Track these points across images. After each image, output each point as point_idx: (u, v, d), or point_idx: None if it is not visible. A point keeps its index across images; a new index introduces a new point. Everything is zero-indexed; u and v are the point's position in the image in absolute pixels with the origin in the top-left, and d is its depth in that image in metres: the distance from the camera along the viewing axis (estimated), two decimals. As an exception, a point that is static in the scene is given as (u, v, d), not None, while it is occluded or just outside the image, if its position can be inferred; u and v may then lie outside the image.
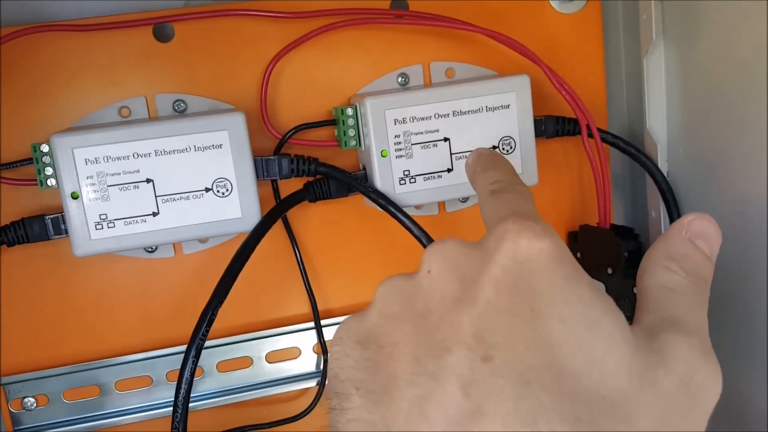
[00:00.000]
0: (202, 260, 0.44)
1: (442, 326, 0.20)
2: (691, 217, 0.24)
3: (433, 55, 0.44)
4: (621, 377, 0.18)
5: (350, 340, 0.22)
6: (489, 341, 0.19)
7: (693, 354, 0.20)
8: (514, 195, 0.27)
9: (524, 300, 0.19)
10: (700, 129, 0.42)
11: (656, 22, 0.43)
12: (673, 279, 0.22)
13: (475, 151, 0.34)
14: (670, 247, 0.23)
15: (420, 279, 0.22)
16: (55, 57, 0.40)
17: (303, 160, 0.41)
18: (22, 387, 0.43)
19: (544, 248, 0.20)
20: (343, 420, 0.20)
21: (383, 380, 0.20)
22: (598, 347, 0.19)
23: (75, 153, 0.37)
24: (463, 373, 0.18)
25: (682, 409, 0.19)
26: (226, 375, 0.45)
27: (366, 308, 0.23)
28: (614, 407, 0.18)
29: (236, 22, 0.41)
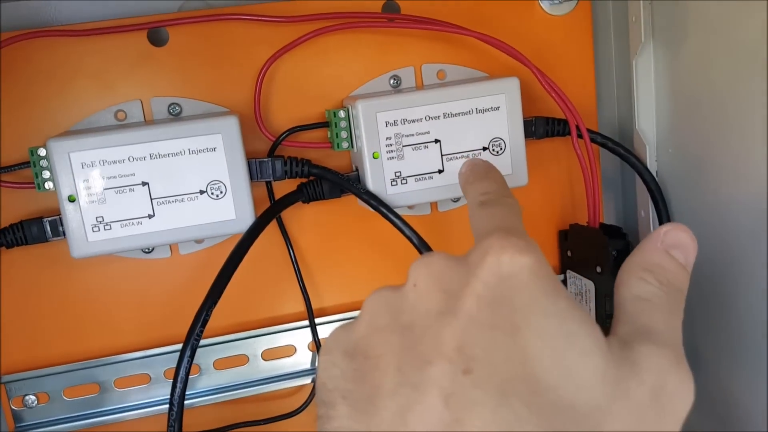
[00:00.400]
0: (198, 261, 0.44)
1: (425, 339, 0.20)
2: (667, 228, 0.24)
3: (425, 58, 0.44)
4: (594, 389, 0.19)
5: (338, 351, 0.22)
6: (469, 354, 0.19)
7: (665, 364, 0.20)
8: (502, 209, 0.28)
9: (504, 314, 0.20)
10: (689, 129, 0.43)
11: (645, 24, 0.43)
12: (648, 290, 0.23)
13: (468, 161, 0.34)
14: (646, 258, 0.24)
15: (406, 292, 0.23)
16: (51, 62, 0.41)
17: (296, 162, 0.42)
18: (23, 385, 0.44)
19: (526, 264, 0.21)
20: (329, 428, 0.21)
21: (368, 390, 0.20)
22: (573, 360, 0.19)
23: (72, 157, 0.37)
24: (444, 385, 0.19)
25: (653, 418, 0.20)
26: (222, 372, 0.46)
27: (354, 320, 0.23)
28: (587, 417, 0.19)
29: (230, 26, 0.42)
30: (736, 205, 0.39)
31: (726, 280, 0.41)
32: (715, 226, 0.42)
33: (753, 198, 0.38)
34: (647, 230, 0.47)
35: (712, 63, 0.39)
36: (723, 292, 0.42)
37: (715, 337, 0.43)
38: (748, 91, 0.36)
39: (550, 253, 0.49)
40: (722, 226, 0.41)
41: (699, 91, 0.41)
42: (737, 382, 0.41)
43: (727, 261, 0.41)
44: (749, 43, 0.36)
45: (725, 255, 0.41)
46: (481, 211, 0.28)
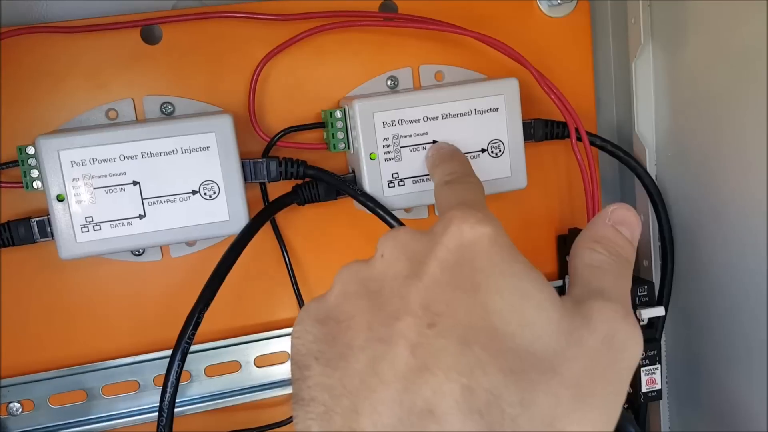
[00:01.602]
0: (189, 263, 0.43)
1: (393, 299, 0.22)
2: (614, 207, 0.26)
3: (423, 58, 0.44)
4: (549, 337, 0.21)
5: (310, 319, 0.24)
6: (434, 310, 0.21)
7: (615, 316, 0.22)
8: (464, 186, 0.31)
9: (466, 275, 0.22)
10: (688, 132, 0.42)
11: (644, 26, 0.43)
12: (598, 258, 0.25)
13: (434, 145, 0.37)
14: (595, 232, 0.26)
15: (374, 262, 0.24)
16: (43, 59, 0.40)
17: (291, 163, 0.41)
18: (7, 392, 0.42)
19: (486, 233, 0.23)
20: (304, 387, 0.22)
21: (340, 349, 0.22)
22: (529, 313, 0.21)
23: (61, 155, 0.36)
24: (411, 337, 0.21)
25: (604, 362, 0.21)
26: (214, 379, 0.45)
27: (325, 293, 0.25)
28: (543, 361, 0.20)
29: (224, 24, 0.41)
30: (735, 208, 0.39)
31: (725, 282, 0.41)
32: (715, 229, 0.41)
33: (752, 200, 0.37)
34: (647, 234, 0.46)
35: (712, 65, 0.39)
36: (722, 294, 0.41)
37: (714, 340, 0.43)
38: (748, 93, 0.36)
39: (549, 258, 0.48)
40: (722, 229, 0.40)
41: (699, 93, 0.41)
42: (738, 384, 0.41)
43: (727, 263, 0.40)
44: (749, 44, 0.35)
45: (725, 257, 0.41)
46: (445, 189, 0.32)
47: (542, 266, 0.48)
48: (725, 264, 0.41)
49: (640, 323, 0.44)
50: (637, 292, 0.44)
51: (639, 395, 0.44)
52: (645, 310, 0.43)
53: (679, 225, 0.44)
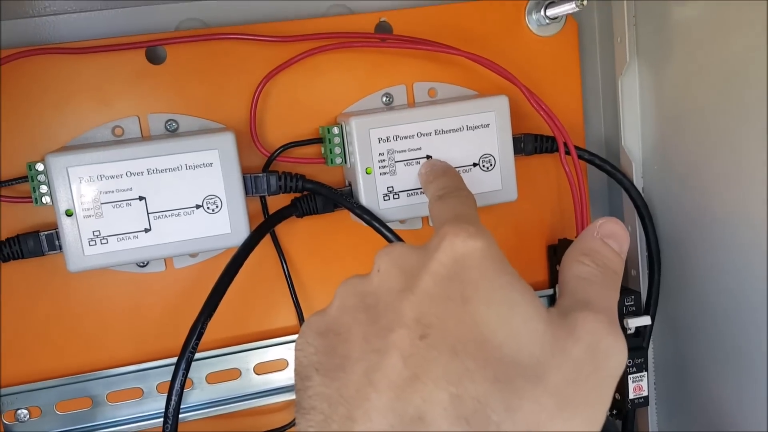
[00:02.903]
0: (192, 274, 0.45)
1: (388, 312, 0.23)
2: (602, 221, 0.27)
3: (416, 76, 0.46)
4: (535, 346, 0.22)
5: (311, 333, 0.25)
6: (425, 322, 0.22)
7: (599, 327, 0.23)
8: (457, 200, 0.32)
9: (457, 288, 0.23)
10: (673, 147, 0.44)
11: (630, 44, 0.45)
12: (586, 270, 0.26)
13: (427, 162, 0.38)
14: (583, 245, 0.27)
15: (371, 277, 0.26)
16: (51, 78, 0.41)
17: (290, 177, 0.43)
18: (15, 399, 0.44)
19: (477, 246, 0.24)
20: (305, 396, 0.23)
21: (339, 360, 0.23)
22: (516, 323, 0.22)
23: (69, 172, 0.38)
24: (404, 348, 0.22)
25: (588, 370, 0.22)
26: (215, 386, 0.46)
27: (326, 307, 0.26)
28: (528, 369, 0.21)
29: (226, 45, 0.43)
30: (720, 219, 0.40)
31: (711, 291, 0.42)
32: (700, 240, 0.43)
33: (736, 211, 0.39)
34: (634, 245, 0.48)
35: (695, 82, 0.41)
36: (708, 303, 0.43)
37: (700, 348, 0.44)
38: (730, 108, 0.38)
39: (539, 267, 0.50)
40: (707, 240, 0.42)
41: (682, 109, 0.42)
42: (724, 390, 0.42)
43: (712, 273, 0.42)
44: (731, 62, 0.37)
45: (710, 267, 0.42)
46: (438, 204, 0.33)
47: (533, 275, 0.50)
48: (710, 274, 0.42)
49: (627, 332, 0.45)
50: (624, 302, 0.46)
51: (626, 402, 0.46)
52: (632, 320, 0.45)
53: (666, 236, 0.46)
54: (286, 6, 0.45)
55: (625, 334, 0.45)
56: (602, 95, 0.50)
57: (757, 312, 0.38)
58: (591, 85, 0.50)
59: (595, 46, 0.50)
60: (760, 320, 0.38)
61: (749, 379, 0.39)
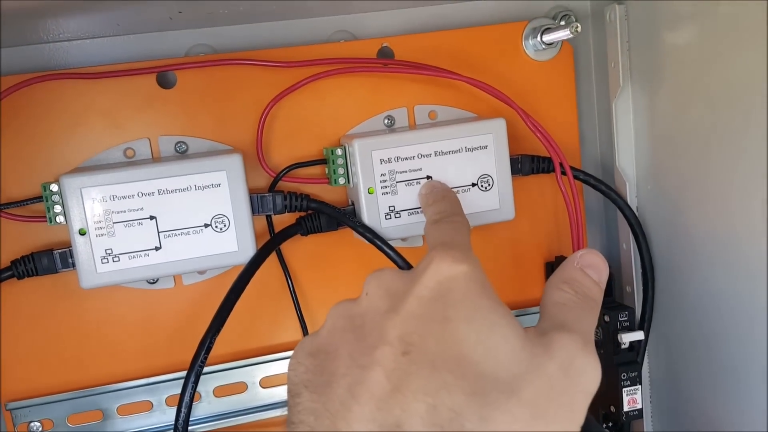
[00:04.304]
0: (200, 291, 0.46)
1: (373, 332, 0.25)
2: (582, 252, 0.29)
3: (417, 99, 0.47)
4: (511, 362, 0.23)
5: (303, 353, 0.27)
6: (408, 341, 0.24)
7: (573, 346, 0.24)
8: (450, 226, 0.34)
9: (440, 309, 0.25)
10: (666, 167, 0.45)
11: (623, 69, 0.46)
12: (565, 296, 0.27)
13: (427, 183, 0.40)
14: (564, 274, 0.28)
15: (360, 300, 0.27)
16: (65, 102, 0.43)
17: (296, 197, 0.44)
18: (28, 412, 0.45)
19: (462, 270, 0.26)
20: (295, 412, 0.25)
21: (326, 377, 0.25)
22: (494, 341, 0.24)
23: (83, 192, 0.39)
24: (386, 364, 0.23)
25: (561, 386, 0.23)
26: (222, 399, 0.48)
27: (318, 329, 0.28)
28: (504, 384, 0.22)
29: (234, 70, 0.44)
30: (711, 237, 0.42)
31: (703, 307, 0.43)
32: (692, 257, 0.44)
33: (727, 230, 0.40)
34: (629, 262, 0.49)
35: (687, 105, 0.42)
36: (700, 318, 0.44)
37: (693, 361, 0.45)
38: (722, 130, 0.39)
39: (537, 284, 0.51)
40: (699, 257, 0.43)
41: (675, 131, 0.44)
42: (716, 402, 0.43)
43: (704, 289, 0.43)
44: (722, 86, 0.38)
45: (702, 285, 0.43)
46: (433, 228, 0.34)
47: (531, 292, 0.51)
48: (703, 290, 0.43)
49: (622, 347, 0.46)
50: (618, 318, 0.47)
51: (621, 414, 0.47)
52: (626, 335, 0.46)
53: (659, 253, 0.47)
54: (292, 32, 0.46)
55: (619, 348, 0.46)
56: (597, 117, 0.52)
57: (750, 326, 0.39)
58: (586, 108, 0.51)
59: (590, 70, 0.51)
60: (752, 335, 0.39)
61: (743, 392, 0.40)
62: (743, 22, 0.36)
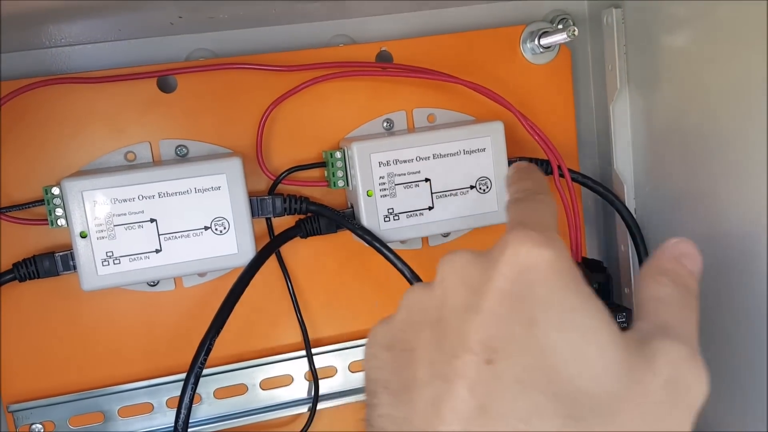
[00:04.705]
0: (201, 293, 0.47)
1: (453, 334, 0.23)
2: (676, 240, 0.27)
3: (416, 102, 0.47)
4: (610, 379, 0.21)
5: (378, 345, 0.25)
6: (491, 347, 0.21)
7: (680, 357, 0.22)
8: (531, 204, 0.29)
9: (524, 309, 0.22)
10: (664, 169, 0.45)
11: (620, 72, 0.47)
12: (664, 290, 0.25)
13: (515, 164, 0.35)
14: (659, 263, 0.26)
15: (434, 288, 0.25)
16: (67, 106, 0.43)
17: (295, 200, 0.45)
18: (30, 414, 0.45)
19: (544, 257, 0.22)
20: (375, 415, 0.23)
21: (405, 381, 0.23)
22: (589, 353, 0.21)
23: (84, 195, 0.40)
24: (470, 376, 0.21)
25: (667, 405, 0.21)
26: (222, 401, 0.48)
27: (392, 315, 0.26)
28: (602, 405, 0.20)
29: (234, 74, 0.45)
30: (709, 240, 0.42)
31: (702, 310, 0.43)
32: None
33: (726, 233, 0.40)
34: (627, 264, 0.49)
35: (684, 107, 0.42)
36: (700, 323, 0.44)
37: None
38: (719, 132, 0.39)
39: (535, 286, 0.51)
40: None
41: (672, 133, 0.44)
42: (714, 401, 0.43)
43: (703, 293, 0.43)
44: (719, 88, 0.38)
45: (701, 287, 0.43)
46: (511, 207, 0.30)
47: (530, 294, 0.51)
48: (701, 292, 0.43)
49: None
50: (616, 319, 0.47)
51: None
52: (624, 336, 0.46)
53: (657, 255, 0.47)
54: (291, 36, 0.47)
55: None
56: (595, 120, 0.52)
57: (750, 327, 0.39)
58: (584, 111, 0.52)
59: (588, 74, 0.51)
60: (752, 335, 0.39)
61: (743, 393, 0.40)
62: (741, 24, 0.36)
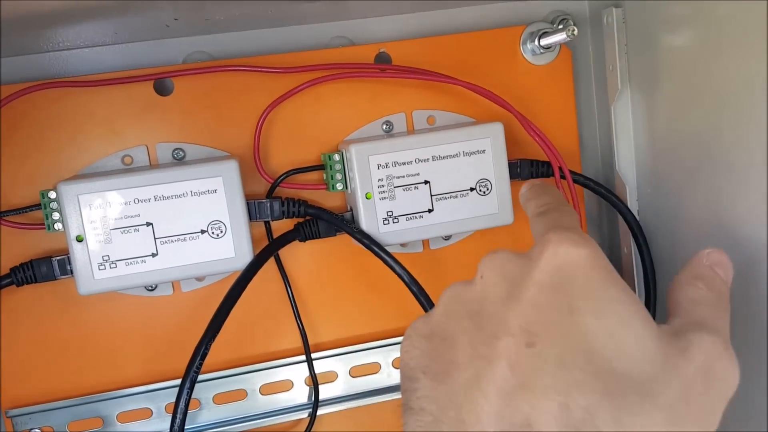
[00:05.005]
0: (199, 297, 0.46)
1: (493, 320, 0.24)
2: (709, 250, 0.28)
3: (415, 104, 0.47)
4: (646, 363, 0.22)
5: (417, 336, 0.26)
6: (531, 331, 0.22)
7: (713, 348, 0.23)
8: (558, 213, 0.32)
9: (563, 298, 0.23)
10: (666, 170, 0.45)
11: (621, 72, 0.46)
12: (699, 294, 0.26)
13: (528, 182, 0.38)
14: (695, 270, 0.27)
15: (475, 284, 0.26)
16: (63, 110, 0.43)
17: (293, 203, 0.44)
18: (28, 419, 0.45)
19: (582, 254, 0.24)
20: (414, 398, 0.24)
21: (445, 365, 0.24)
22: (626, 339, 0.22)
23: (80, 199, 0.40)
24: (510, 356, 0.22)
25: (699, 391, 0.22)
26: (222, 407, 0.48)
27: (430, 311, 0.27)
28: (639, 385, 0.21)
29: (231, 76, 0.44)
30: (713, 241, 0.41)
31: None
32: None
33: (730, 234, 0.39)
34: (630, 266, 0.49)
35: (686, 108, 0.42)
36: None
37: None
38: (721, 133, 0.39)
39: (538, 289, 0.50)
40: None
41: (674, 134, 0.43)
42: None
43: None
44: (721, 88, 0.38)
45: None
46: (539, 219, 0.32)
47: (532, 297, 0.50)
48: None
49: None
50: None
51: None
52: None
53: (661, 258, 0.47)
54: (289, 38, 0.46)
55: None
56: (597, 121, 0.51)
57: (750, 328, 0.38)
58: (586, 111, 0.51)
59: (589, 74, 0.51)
60: (753, 336, 0.38)
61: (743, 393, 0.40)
62: (742, 24, 0.35)
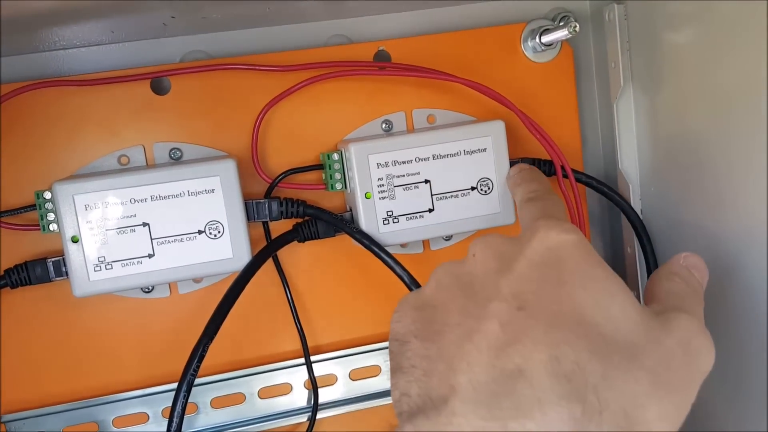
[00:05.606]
0: (196, 299, 0.46)
1: (485, 288, 0.25)
2: (686, 254, 0.30)
3: (415, 103, 0.46)
4: (630, 332, 0.23)
5: (407, 307, 0.26)
6: (523, 298, 0.23)
7: (691, 326, 0.24)
8: (547, 202, 0.34)
9: (552, 273, 0.24)
10: (669, 168, 0.44)
11: (624, 69, 0.46)
12: (676, 286, 0.28)
13: (516, 165, 0.39)
14: (672, 268, 0.29)
15: (466, 261, 0.27)
16: (59, 109, 0.43)
17: (292, 203, 0.44)
18: (23, 424, 0.44)
19: (570, 240, 0.25)
20: (404, 358, 0.24)
21: (437, 327, 0.24)
22: (613, 309, 0.23)
23: (75, 199, 0.39)
24: (502, 317, 0.23)
25: (679, 362, 0.23)
26: (219, 411, 0.47)
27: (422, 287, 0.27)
28: (624, 348, 0.22)
29: (229, 75, 0.44)
30: (716, 240, 0.41)
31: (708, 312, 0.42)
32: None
33: (733, 232, 0.39)
34: (634, 266, 0.48)
35: (689, 105, 0.41)
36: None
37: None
38: (724, 130, 0.38)
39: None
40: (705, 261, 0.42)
41: (677, 131, 0.43)
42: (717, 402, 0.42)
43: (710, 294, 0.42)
44: (723, 86, 0.38)
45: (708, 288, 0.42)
46: (528, 205, 0.34)
47: (535, 298, 0.50)
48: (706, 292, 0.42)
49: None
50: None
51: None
52: (632, 340, 0.45)
53: (664, 257, 0.46)
54: (287, 37, 0.46)
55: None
56: (599, 119, 0.51)
57: (751, 328, 0.38)
58: (588, 109, 0.51)
59: (591, 72, 0.50)
60: (753, 336, 0.38)
61: (743, 392, 0.39)
62: (744, 21, 0.35)
